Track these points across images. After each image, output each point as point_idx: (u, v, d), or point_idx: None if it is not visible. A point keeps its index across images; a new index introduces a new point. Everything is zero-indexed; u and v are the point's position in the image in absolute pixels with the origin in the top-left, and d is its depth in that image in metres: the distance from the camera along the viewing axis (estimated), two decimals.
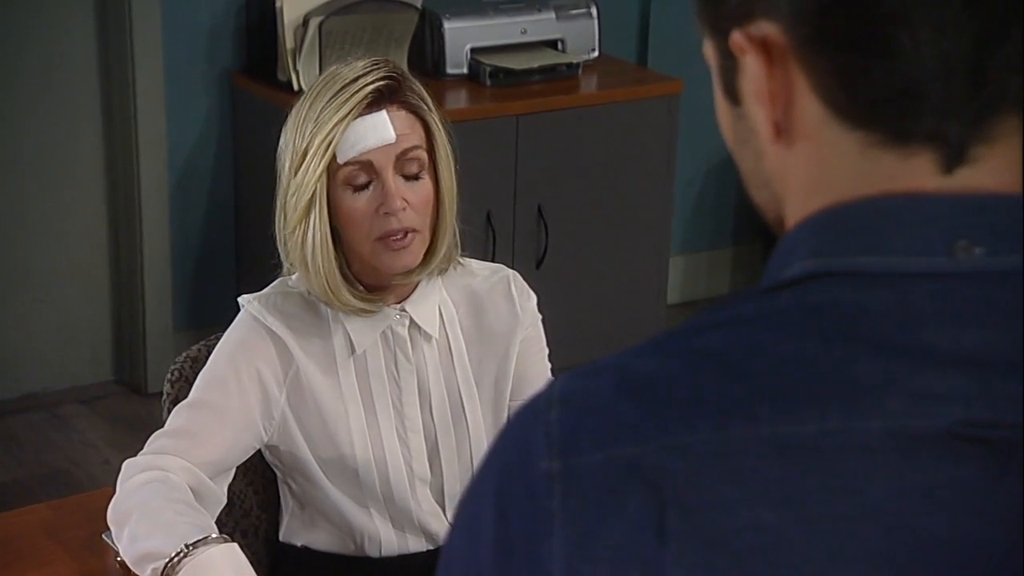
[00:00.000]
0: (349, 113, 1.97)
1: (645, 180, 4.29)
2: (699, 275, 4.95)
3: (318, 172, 1.97)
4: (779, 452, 0.74)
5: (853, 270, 0.77)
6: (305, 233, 2.00)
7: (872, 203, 0.78)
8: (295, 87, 3.88)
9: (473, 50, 4.15)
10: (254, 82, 4.09)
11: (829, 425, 0.74)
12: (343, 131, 1.96)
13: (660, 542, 0.75)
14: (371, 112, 1.98)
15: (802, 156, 0.81)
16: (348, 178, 1.99)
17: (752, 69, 0.80)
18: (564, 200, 4.17)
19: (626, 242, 4.30)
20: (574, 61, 4.23)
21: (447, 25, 4.12)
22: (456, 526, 0.84)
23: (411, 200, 1.99)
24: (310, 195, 1.97)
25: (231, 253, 4.31)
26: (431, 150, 2.02)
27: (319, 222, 1.99)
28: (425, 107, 2.02)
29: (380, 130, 1.97)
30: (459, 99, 4.08)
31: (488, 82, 4.11)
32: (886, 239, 0.77)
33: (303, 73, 3.87)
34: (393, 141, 1.98)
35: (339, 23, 3.85)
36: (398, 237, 1.99)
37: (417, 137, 2.00)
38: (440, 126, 2.03)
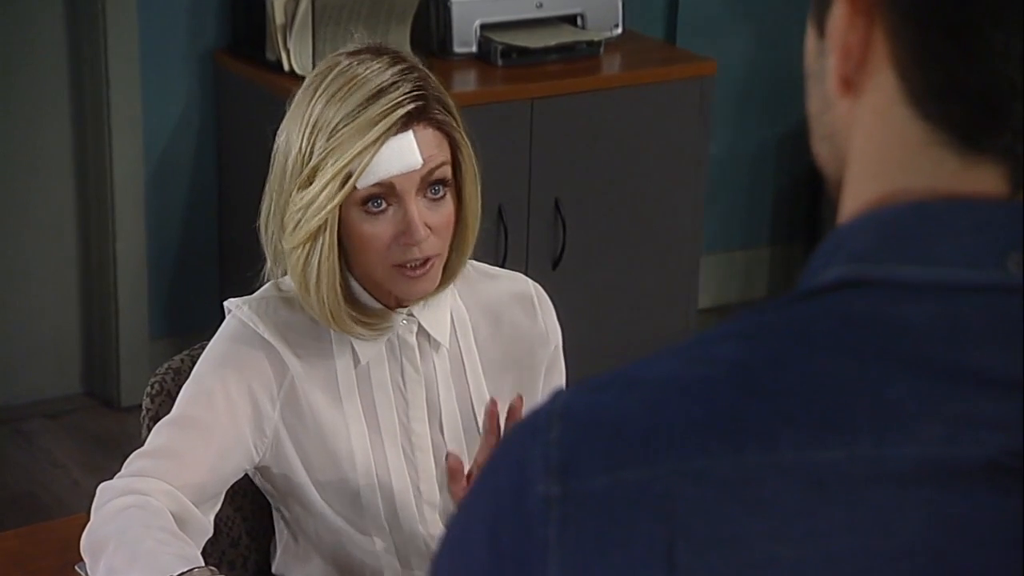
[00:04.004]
0: (374, 142, 1.95)
1: (674, 171, 4.29)
2: (733, 277, 4.95)
3: (333, 202, 1.96)
4: (801, 480, 0.75)
5: (893, 280, 0.77)
6: (308, 257, 1.99)
7: (923, 207, 0.78)
8: (285, 67, 3.88)
9: (483, 26, 4.15)
10: (240, 62, 4.09)
11: (858, 452, 0.74)
12: (367, 161, 1.95)
13: None
14: (397, 135, 1.96)
15: (866, 126, 0.81)
16: (365, 201, 1.99)
17: (836, 12, 0.81)
18: (584, 193, 4.17)
19: (652, 240, 4.30)
20: (595, 39, 4.23)
21: None
22: (444, 550, 0.84)
23: (433, 223, 2.00)
24: (321, 223, 1.97)
25: (214, 252, 4.31)
26: (456, 166, 2.03)
27: (327, 250, 1.98)
28: (451, 121, 2.01)
29: (406, 156, 1.96)
30: (468, 81, 4.08)
31: (500, 62, 4.11)
32: (932, 247, 0.77)
33: (295, 52, 3.87)
34: (419, 167, 1.97)
35: None
36: (417, 265, 2.00)
37: (443, 156, 2.00)
38: (465, 138, 2.03)
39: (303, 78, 2.07)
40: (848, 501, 0.74)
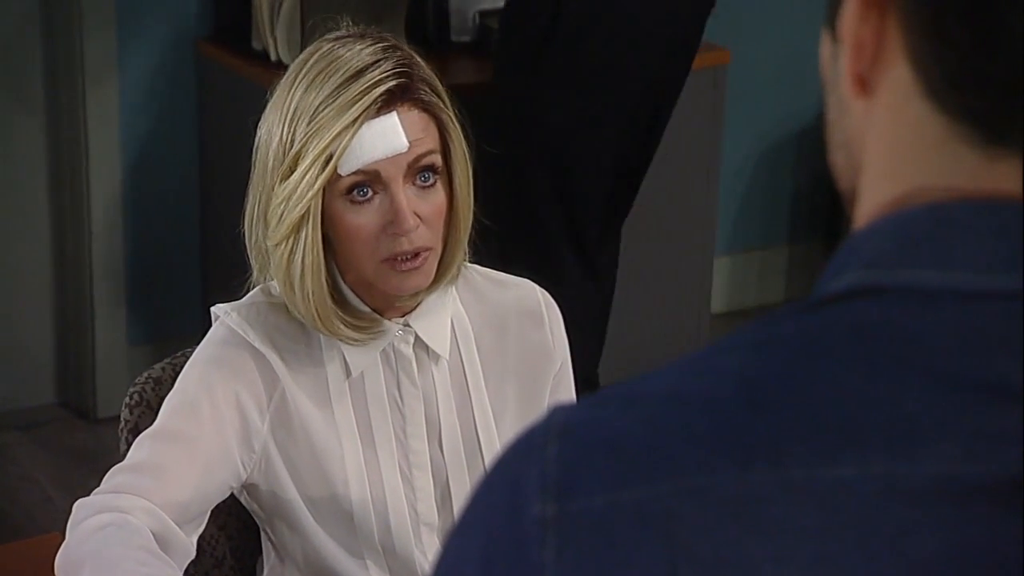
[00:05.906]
0: (355, 121, 1.95)
1: (685, 167, 4.29)
2: (749, 279, 4.95)
3: (314, 188, 1.96)
4: (811, 500, 0.75)
5: (909, 286, 0.78)
6: (292, 251, 1.99)
7: (941, 208, 0.79)
8: (272, 57, 3.89)
9: (482, 14, 4.16)
10: (224, 51, 4.09)
11: (871, 469, 0.74)
12: (347, 142, 1.95)
13: None
14: (380, 116, 1.96)
15: (882, 125, 0.82)
16: (350, 190, 1.99)
17: (848, 8, 0.82)
18: None
19: (663, 240, 4.30)
20: None
21: None
22: (436, 574, 0.84)
23: (423, 213, 1.99)
24: (303, 212, 1.97)
25: (196, 253, 4.31)
26: (445, 151, 2.02)
27: (310, 242, 1.98)
28: (440, 103, 2.01)
29: (391, 138, 1.96)
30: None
31: None
32: (950, 251, 0.77)
33: (282, 41, 3.88)
34: (405, 150, 1.97)
35: None
36: (408, 258, 1.99)
37: (431, 140, 2.00)
38: (455, 123, 2.03)
39: None
40: (860, 521, 0.74)
